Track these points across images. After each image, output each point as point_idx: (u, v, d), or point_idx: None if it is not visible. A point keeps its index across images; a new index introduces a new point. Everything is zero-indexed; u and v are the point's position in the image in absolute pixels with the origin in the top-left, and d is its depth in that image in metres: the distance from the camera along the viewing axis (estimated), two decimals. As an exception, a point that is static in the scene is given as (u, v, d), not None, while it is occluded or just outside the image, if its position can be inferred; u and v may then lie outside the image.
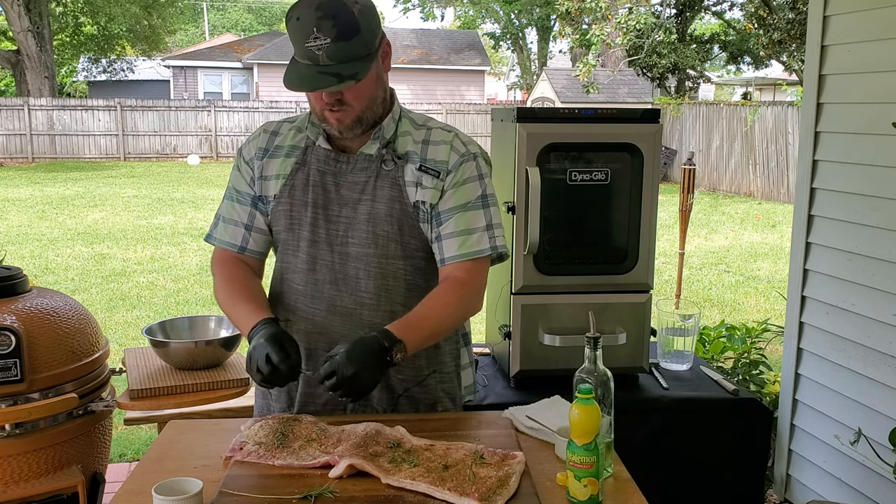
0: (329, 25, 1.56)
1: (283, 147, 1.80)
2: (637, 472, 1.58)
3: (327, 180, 1.75)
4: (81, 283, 7.40)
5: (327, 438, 1.60)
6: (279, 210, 1.78)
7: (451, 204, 1.73)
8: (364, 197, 1.73)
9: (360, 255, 1.74)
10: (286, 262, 1.81)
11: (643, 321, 2.57)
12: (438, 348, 1.84)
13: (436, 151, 1.75)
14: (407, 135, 1.77)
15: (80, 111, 20.12)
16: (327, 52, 1.57)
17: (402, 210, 1.72)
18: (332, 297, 1.76)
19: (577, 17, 17.97)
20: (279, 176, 1.78)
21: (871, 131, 2.65)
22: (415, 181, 1.73)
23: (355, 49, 1.60)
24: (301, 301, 1.79)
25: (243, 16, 44.86)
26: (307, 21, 1.56)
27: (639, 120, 2.49)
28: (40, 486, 2.18)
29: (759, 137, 14.69)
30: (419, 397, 1.83)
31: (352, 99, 1.65)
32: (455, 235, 1.73)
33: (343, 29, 1.57)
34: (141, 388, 2.49)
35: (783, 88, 17.71)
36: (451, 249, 1.73)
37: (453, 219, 1.73)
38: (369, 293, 1.75)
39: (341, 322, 1.76)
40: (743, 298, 7.16)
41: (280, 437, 1.60)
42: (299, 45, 1.59)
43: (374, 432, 1.60)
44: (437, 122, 1.84)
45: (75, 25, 25.49)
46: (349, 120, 1.68)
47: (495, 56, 38.09)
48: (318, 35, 1.56)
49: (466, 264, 1.73)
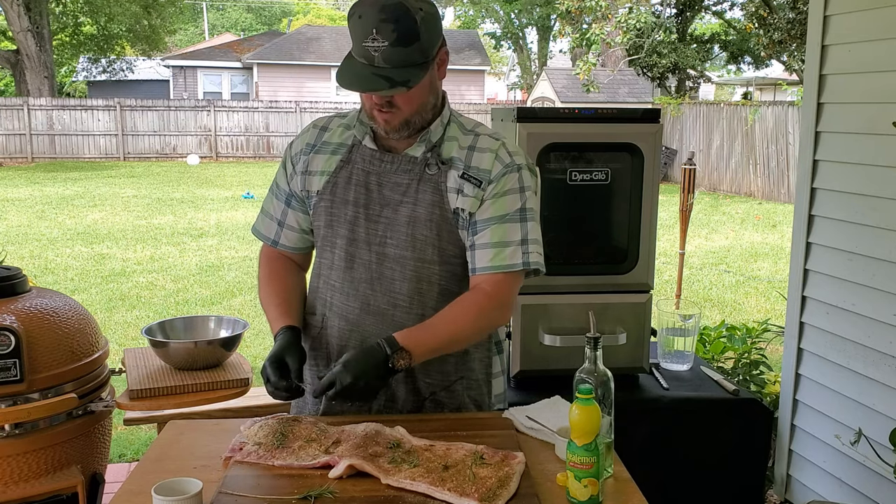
0: (389, 29, 1.55)
1: (331, 144, 1.81)
2: (637, 472, 1.58)
3: (370, 180, 1.75)
4: (81, 283, 7.39)
5: (327, 438, 1.60)
6: (321, 206, 1.79)
7: (488, 214, 1.71)
8: (406, 199, 1.73)
9: (397, 257, 1.74)
10: (324, 257, 1.82)
11: (643, 321, 2.57)
12: (468, 354, 1.82)
13: (480, 159, 1.74)
14: (454, 140, 1.76)
15: (79, 111, 20.11)
16: (383, 55, 1.57)
17: (441, 215, 1.72)
18: (367, 295, 1.76)
19: (577, 17, 17.96)
20: (324, 172, 1.79)
21: (871, 131, 2.65)
22: (457, 188, 1.72)
23: (412, 56, 1.59)
24: (337, 297, 1.80)
25: (243, 15, 44.85)
26: (369, 20, 1.56)
27: (639, 120, 2.49)
28: (40, 486, 2.18)
29: (759, 137, 14.68)
30: (445, 402, 1.82)
31: (402, 103, 1.65)
32: (489, 247, 1.71)
33: (403, 34, 1.56)
34: (141, 388, 2.48)
35: (783, 88, 17.70)
36: (483, 260, 1.71)
37: (489, 230, 1.71)
38: (403, 295, 1.75)
39: (374, 321, 1.76)
40: (743, 298, 7.16)
41: (280, 437, 1.60)
42: (357, 42, 1.58)
43: (373, 432, 1.60)
44: (486, 128, 1.82)
45: (75, 25, 25.48)
46: (397, 122, 1.68)
47: (495, 56, 38.09)
48: (376, 37, 1.55)
49: (496, 277, 1.71)
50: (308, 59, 25.56)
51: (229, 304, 6.74)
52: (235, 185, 15.51)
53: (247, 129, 21.09)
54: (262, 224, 1.90)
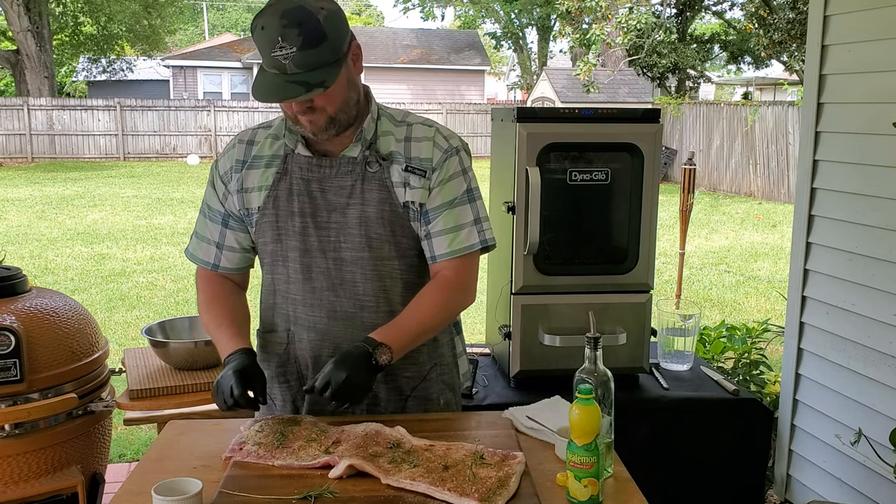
0: (294, 34, 1.52)
1: (262, 157, 1.77)
2: (637, 472, 1.58)
3: (312, 187, 1.73)
4: (81, 284, 7.40)
5: (327, 438, 1.60)
6: (265, 222, 1.76)
7: (438, 202, 1.73)
8: (352, 201, 1.72)
9: (354, 260, 1.73)
10: (277, 273, 1.79)
11: (643, 321, 2.57)
12: (436, 341, 1.85)
13: (419, 149, 1.74)
14: (389, 134, 1.75)
15: (79, 111, 20.11)
16: (294, 61, 1.54)
17: (392, 211, 1.72)
18: (332, 303, 1.75)
19: (577, 17, 17.96)
20: (261, 187, 1.75)
21: (871, 131, 2.65)
22: (402, 182, 1.72)
23: (323, 56, 1.57)
24: (300, 310, 1.78)
25: (243, 15, 44.84)
26: (272, 30, 1.53)
27: (639, 120, 2.49)
28: (40, 486, 2.18)
29: (759, 137, 14.68)
30: (424, 394, 1.84)
31: (323, 104, 1.63)
32: (445, 233, 1.74)
33: (309, 36, 1.53)
34: (141, 388, 2.48)
35: (784, 88, 17.70)
36: (441, 247, 1.74)
37: (441, 217, 1.73)
38: (368, 296, 1.75)
39: (343, 327, 1.76)
40: (743, 298, 7.16)
41: (280, 437, 1.60)
42: (266, 54, 1.56)
43: (373, 432, 1.60)
44: (416, 116, 1.82)
45: (75, 25, 25.48)
46: (322, 122, 1.65)
47: (495, 56, 38.11)
48: (283, 44, 1.53)
49: (456, 261, 1.75)
50: (308, 59, 25.54)
51: (229, 304, 6.73)
52: (235, 185, 15.50)
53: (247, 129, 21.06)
54: (198, 249, 1.86)
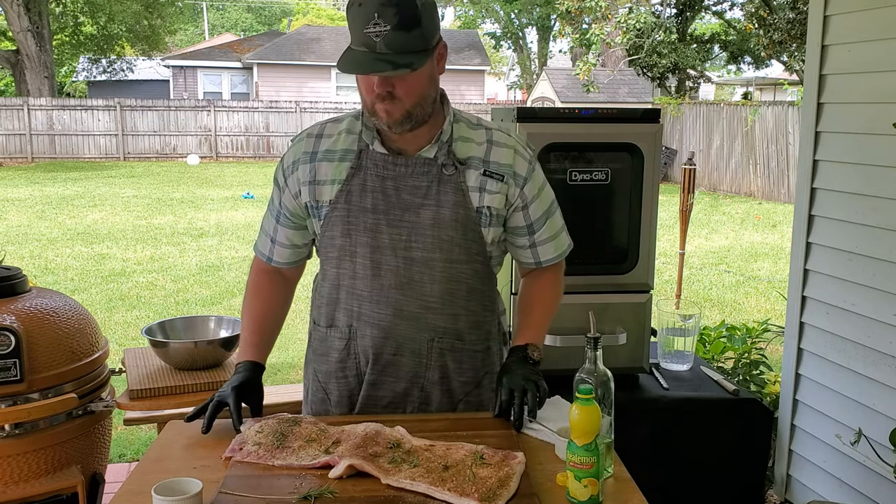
0: (391, 13, 1.53)
1: (336, 151, 1.76)
2: (637, 472, 1.57)
3: (387, 184, 1.71)
4: (81, 283, 7.39)
5: (327, 438, 1.59)
6: (335, 216, 1.74)
7: (540, 212, 1.81)
8: (427, 202, 1.71)
9: (424, 260, 1.73)
10: (343, 267, 1.77)
11: (643, 321, 2.57)
12: (489, 350, 1.87)
13: (499, 154, 1.75)
14: (468, 140, 1.75)
15: (79, 111, 20.12)
16: (385, 40, 1.54)
17: (466, 215, 1.72)
18: (399, 301, 1.74)
19: (577, 17, 17.96)
20: (334, 181, 1.74)
21: (871, 131, 2.65)
22: (479, 186, 1.73)
23: (414, 41, 1.57)
24: (366, 307, 1.77)
25: (243, 15, 44.85)
26: (369, 6, 1.54)
27: (639, 120, 2.49)
28: (40, 486, 2.18)
29: (759, 137, 14.69)
30: (476, 400, 1.85)
31: (403, 93, 1.61)
32: (550, 240, 1.84)
33: (404, 18, 1.54)
34: (141, 388, 2.48)
35: (784, 88, 17.70)
36: (548, 253, 1.85)
37: (546, 226, 1.83)
38: (434, 297, 1.75)
39: (406, 326, 1.76)
40: (743, 298, 7.16)
41: (280, 437, 1.60)
42: (357, 31, 1.56)
43: (373, 432, 1.59)
44: (488, 121, 1.84)
45: (75, 25, 25.48)
46: (399, 114, 1.63)
47: (495, 56, 38.09)
48: (378, 21, 1.53)
49: (557, 263, 1.89)
50: (308, 59, 25.56)
51: (229, 304, 6.74)
52: (235, 185, 15.52)
53: (247, 129, 21.09)
54: (260, 241, 1.90)
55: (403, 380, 1.80)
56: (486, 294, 1.83)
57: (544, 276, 1.90)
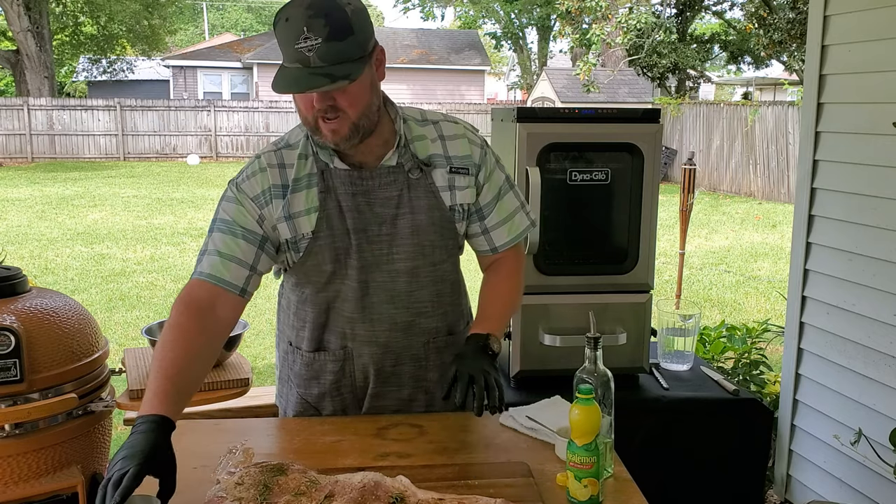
0: (321, 24, 1.46)
1: (301, 178, 1.67)
2: (637, 472, 1.58)
3: (359, 201, 1.67)
4: (81, 283, 7.39)
5: (318, 492, 1.37)
6: (320, 245, 1.67)
7: (489, 197, 1.77)
8: (401, 211, 1.69)
9: (408, 269, 1.72)
10: (332, 291, 1.72)
11: (643, 321, 2.57)
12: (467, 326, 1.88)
13: (456, 146, 1.74)
14: (422, 138, 1.73)
15: (79, 111, 20.11)
16: (318, 53, 1.47)
17: (441, 216, 1.72)
18: (392, 315, 1.74)
19: (577, 17, 17.96)
20: (310, 210, 1.66)
21: (871, 131, 2.65)
22: (448, 185, 1.71)
23: (348, 50, 1.49)
24: (359, 327, 1.74)
25: (243, 15, 44.85)
26: (297, 20, 1.46)
27: (639, 120, 2.49)
28: (40, 486, 2.18)
29: (759, 137, 14.68)
30: None
31: (346, 105, 1.54)
32: (501, 224, 1.80)
33: (335, 28, 1.47)
34: (141, 388, 2.48)
35: (784, 88, 17.70)
36: (502, 238, 1.80)
37: (495, 210, 1.79)
38: (424, 302, 1.76)
39: (403, 336, 1.76)
40: (743, 298, 7.16)
41: (263, 490, 1.38)
42: (289, 47, 1.48)
43: (372, 484, 1.37)
44: (433, 112, 1.81)
45: (75, 25, 25.49)
46: (346, 129, 1.57)
47: (495, 56, 38.10)
48: (308, 35, 1.46)
49: (514, 247, 1.84)
50: (308, 59, 25.55)
51: (229, 304, 6.73)
52: (235, 185, 15.50)
53: (247, 129, 21.08)
54: (223, 270, 1.63)
55: (407, 386, 1.81)
56: (460, 282, 1.87)
57: (501, 270, 1.84)
